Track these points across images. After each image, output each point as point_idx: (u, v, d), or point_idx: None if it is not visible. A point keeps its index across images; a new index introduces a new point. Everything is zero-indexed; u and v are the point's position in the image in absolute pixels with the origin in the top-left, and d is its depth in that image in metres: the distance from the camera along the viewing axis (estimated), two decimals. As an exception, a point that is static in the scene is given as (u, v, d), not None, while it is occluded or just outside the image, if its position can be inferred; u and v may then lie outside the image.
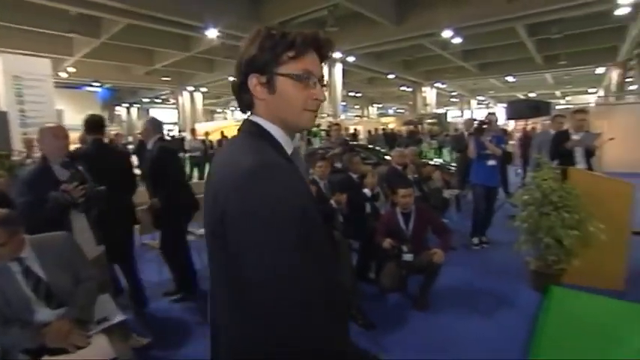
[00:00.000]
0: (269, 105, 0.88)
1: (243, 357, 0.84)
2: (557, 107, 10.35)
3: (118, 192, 2.70)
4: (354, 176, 4.31)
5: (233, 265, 0.80)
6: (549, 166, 3.43)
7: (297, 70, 0.86)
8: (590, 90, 30.57)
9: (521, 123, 12.34)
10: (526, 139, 9.27)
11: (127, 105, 32.83)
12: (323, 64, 0.92)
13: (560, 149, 4.23)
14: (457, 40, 15.53)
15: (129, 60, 19.40)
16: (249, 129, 0.91)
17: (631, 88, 20.89)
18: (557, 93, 33.25)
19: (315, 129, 12.58)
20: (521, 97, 30.10)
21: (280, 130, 0.90)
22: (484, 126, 4.55)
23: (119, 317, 1.98)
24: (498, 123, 5.05)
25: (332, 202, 3.59)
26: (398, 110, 41.04)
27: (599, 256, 3.21)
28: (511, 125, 16.04)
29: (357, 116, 35.93)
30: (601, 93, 26.34)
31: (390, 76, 23.34)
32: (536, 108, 6.76)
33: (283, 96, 0.87)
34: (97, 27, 14.11)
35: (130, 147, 10.09)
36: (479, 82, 29.00)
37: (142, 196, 3.45)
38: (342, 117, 21.52)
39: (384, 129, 19.33)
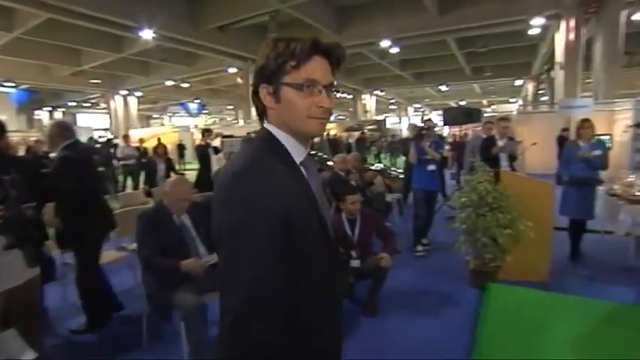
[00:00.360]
0: (277, 113, 0.91)
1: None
2: (485, 115, 11.18)
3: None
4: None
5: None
6: (484, 169, 3.63)
7: (299, 80, 0.87)
8: (511, 100, 33.67)
9: (455, 129, 13.21)
10: (458, 143, 9.95)
11: (50, 109, 29.89)
12: (335, 69, 0.93)
13: (487, 154, 4.54)
14: (395, 50, 16.27)
15: (50, 59, 17.74)
16: (261, 136, 0.94)
17: (543, 98, 23.34)
18: (484, 102, 36.15)
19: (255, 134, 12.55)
20: (454, 104, 32.25)
21: (290, 137, 0.92)
22: (423, 131, 4.67)
23: (28, 356, 1.70)
24: (435, 129, 5.31)
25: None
26: (339, 117, 41.93)
27: (527, 251, 3.45)
28: (445, 131, 17.08)
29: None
30: (520, 102, 29.17)
31: (332, 83, 23.78)
32: (469, 115, 7.24)
33: (288, 105, 0.89)
34: (8, 19, 12.69)
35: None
36: (415, 90, 30.63)
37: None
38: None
39: (327, 135, 19.56)
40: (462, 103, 33.19)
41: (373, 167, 7.52)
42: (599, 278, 3.78)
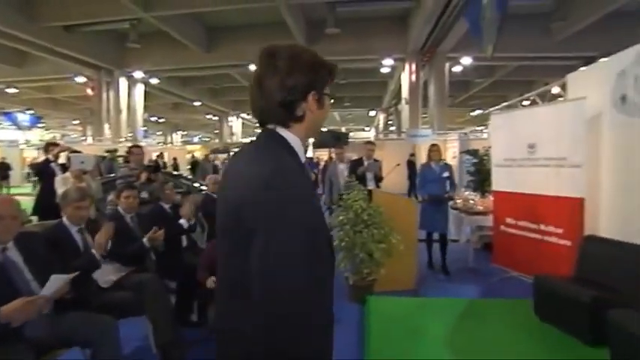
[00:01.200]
0: (315, 118, 1.02)
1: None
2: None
3: None
4: (166, 206, 3.82)
5: (254, 271, 0.86)
6: (359, 188, 3.88)
7: (328, 91, 1.04)
8: (365, 128, 37.84)
9: (319, 152, 14.07)
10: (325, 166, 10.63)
11: None
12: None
13: (355, 173, 4.94)
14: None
15: None
16: (276, 138, 0.99)
17: (391, 128, 26.98)
18: (343, 129, 39.74)
19: (109, 154, 11.11)
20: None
21: (299, 141, 1.02)
22: None
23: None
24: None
25: (145, 240, 3.03)
26: (203, 138, 40.45)
27: (397, 263, 3.78)
28: (309, 154, 18.04)
29: (160, 143, 33.41)
30: (373, 131, 33.03)
31: (197, 104, 22.87)
32: (338, 138, 7.78)
33: (325, 111, 1.04)
34: None
35: None
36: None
37: None
38: (143, 142, 19.49)
39: (192, 157, 18.56)
40: (324, 129, 35.82)
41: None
42: (453, 280, 4.41)
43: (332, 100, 1.09)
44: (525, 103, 6.37)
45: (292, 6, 11.13)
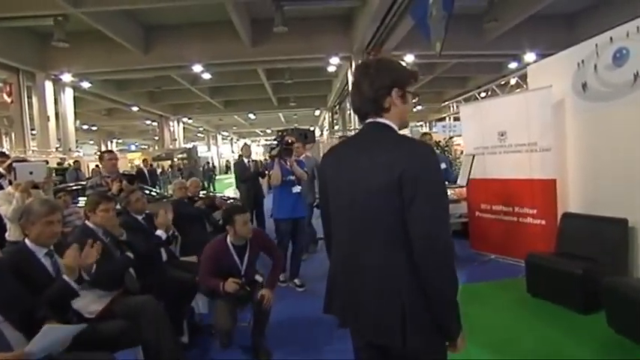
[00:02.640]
0: (400, 111, 1.28)
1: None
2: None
3: None
4: (139, 217, 3.45)
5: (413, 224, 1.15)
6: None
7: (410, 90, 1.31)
8: (311, 128, 37.92)
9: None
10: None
11: None
12: None
13: None
14: (207, 76, 15.94)
15: None
16: (378, 125, 1.28)
17: (336, 127, 27.31)
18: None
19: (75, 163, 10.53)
20: (260, 132, 33.96)
21: (396, 128, 1.29)
22: (288, 146, 4.06)
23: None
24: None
25: (129, 254, 2.69)
26: (141, 145, 37.99)
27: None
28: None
29: (99, 152, 30.71)
30: (318, 130, 33.24)
31: (134, 109, 21.36)
32: (305, 136, 7.62)
33: (409, 105, 1.30)
34: None
35: None
36: (225, 118, 30.72)
37: None
38: (79, 152, 17.79)
39: (146, 163, 17.15)
40: (268, 131, 35.37)
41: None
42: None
43: (416, 99, 1.36)
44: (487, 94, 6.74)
45: (238, 3, 10.75)
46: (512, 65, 14.89)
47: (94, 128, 27.74)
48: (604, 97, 3.42)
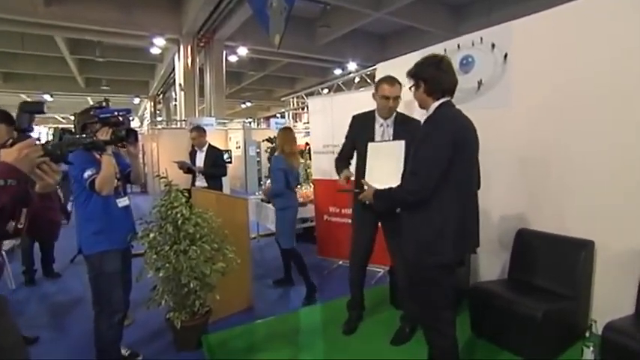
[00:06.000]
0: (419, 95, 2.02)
1: None
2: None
3: None
4: None
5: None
6: (178, 188, 2.78)
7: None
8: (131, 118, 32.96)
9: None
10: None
11: None
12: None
13: None
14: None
15: None
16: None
17: (159, 118, 24.37)
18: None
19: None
20: (62, 119, 27.67)
21: None
22: None
23: None
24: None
25: None
26: None
27: (231, 280, 2.97)
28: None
29: None
30: (137, 121, 29.04)
31: None
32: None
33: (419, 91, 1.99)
34: None
35: None
36: (2, 95, 23.42)
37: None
38: None
39: None
40: (72, 118, 29.00)
41: None
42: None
43: (424, 85, 1.96)
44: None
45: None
46: (337, 71, 15.94)
47: None
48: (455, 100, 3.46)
